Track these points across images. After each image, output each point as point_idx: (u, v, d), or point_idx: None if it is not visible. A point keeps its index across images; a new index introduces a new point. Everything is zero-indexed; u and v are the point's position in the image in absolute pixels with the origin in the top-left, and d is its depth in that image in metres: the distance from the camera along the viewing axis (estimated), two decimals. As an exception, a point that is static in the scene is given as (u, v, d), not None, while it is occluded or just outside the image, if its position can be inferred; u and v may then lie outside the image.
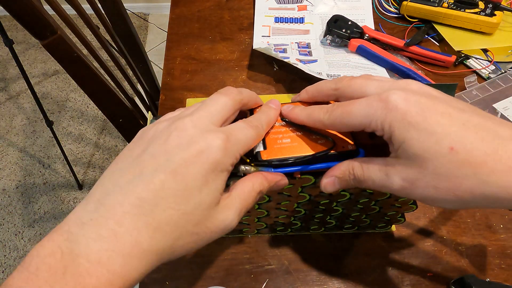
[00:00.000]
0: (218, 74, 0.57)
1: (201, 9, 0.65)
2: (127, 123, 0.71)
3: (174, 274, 0.40)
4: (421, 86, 0.23)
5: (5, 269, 1.20)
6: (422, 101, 0.22)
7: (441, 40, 0.58)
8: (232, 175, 0.29)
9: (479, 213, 0.43)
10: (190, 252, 0.23)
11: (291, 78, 0.56)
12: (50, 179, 1.38)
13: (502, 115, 0.49)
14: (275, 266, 0.40)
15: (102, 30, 0.71)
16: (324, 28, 0.58)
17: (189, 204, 0.21)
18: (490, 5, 0.56)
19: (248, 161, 0.27)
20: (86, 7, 0.62)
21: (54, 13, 0.55)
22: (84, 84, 0.61)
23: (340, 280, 0.39)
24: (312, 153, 0.26)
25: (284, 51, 0.56)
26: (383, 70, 0.53)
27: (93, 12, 0.66)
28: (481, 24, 0.56)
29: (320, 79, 0.50)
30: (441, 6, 0.57)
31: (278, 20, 0.61)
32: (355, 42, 0.55)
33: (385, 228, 0.41)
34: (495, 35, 0.57)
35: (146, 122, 0.72)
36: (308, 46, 0.57)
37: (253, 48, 0.56)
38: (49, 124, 1.13)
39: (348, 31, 0.55)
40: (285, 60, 0.52)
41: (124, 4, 0.76)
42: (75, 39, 0.58)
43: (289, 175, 0.29)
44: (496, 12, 0.56)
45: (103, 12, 0.71)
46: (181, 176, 0.21)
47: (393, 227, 0.42)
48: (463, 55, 0.55)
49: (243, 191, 0.25)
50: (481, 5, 0.56)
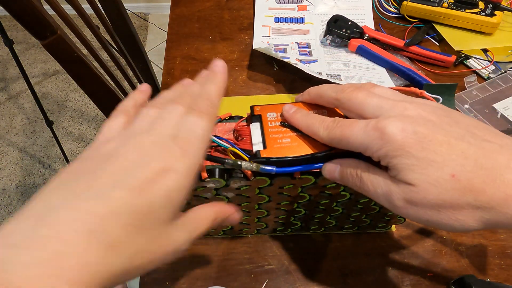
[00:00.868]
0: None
1: (201, 9, 0.65)
2: (127, 123, 0.71)
3: (174, 274, 0.40)
4: (419, 112, 0.23)
5: (5, 269, 1.20)
6: (420, 131, 0.22)
7: (441, 40, 0.58)
8: (232, 175, 0.29)
9: (479, 213, 0.43)
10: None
11: (291, 78, 0.56)
12: (50, 179, 1.38)
13: (502, 115, 0.49)
14: (275, 266, 0.40)
15: (102, 30, 0.71)
16: (324, 28, 0.58)
17: (150, 221, 0.20)
18: (490, 5, 0.56)
19: (248, 159, 0.27)
20: (86, 7, 0.62)
21: (54, 13, 0.55)
22: (84, 84, 0.61)
23: (340, 280, 0.39)
24: (312, 153, 0.26)
25: (284, 51, 0.56)
26: (383, 70, 0.53)
27: (93, 12, 0.66)
28: (481, 24, 0.56)
29: (320, 79, 0.50)
30: (441, 6, 0.57)
31: (278, 20, 0.61)
32: (355, 42, 0.55)
33: (385, 228, 0.41)
34: (495, 35, 0.57)
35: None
36: (308, 46, 0.57)
37: (253, 48, 0.56)
38: (49, 124, 1.13)
39: (348, 31, 0.55)
40: (285, 60, 0.52)
41: (124, 4, 0.76)
42: (75, 39, 0.58)
43: (289, 175, 0.29)
44: (496, 12, 0.56)
45: (103, 12, 0.71)
46: (146, 193, 0.20)
47: (393, 227, 0.42)
48: (463, 55, 0.55)
49: (199, 216, 0.24)
50: (481, 5, 0.56)
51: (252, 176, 0.28)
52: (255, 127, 0.28)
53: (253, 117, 0.29)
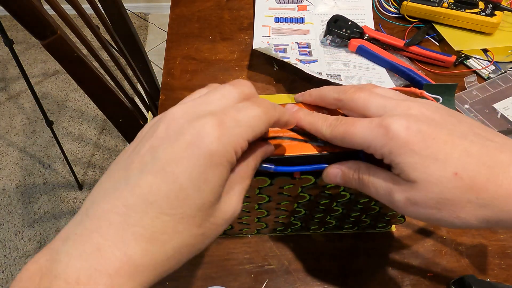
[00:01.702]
0: (218, 74, 0.57)
1: (201, 9, 0.65)
2: (127, 123, 0.71)
3: (174, 274, 0.39)
4: (422, 111, 0.23)
5: (5, 269, 1.20)
6: (424, 129, 0.22)
7: (441, 40, 0.58)
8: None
9: (479, 213, 0.43)
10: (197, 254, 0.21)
11: (291, 78, 0.56)
12: (50, 179, 1.38)
13: (502, 115, 0.49)
14: (275, 266, 0.40)
15: (102, 30, 0.71)
16: (324, 28, 0.58)
17: (188, 207, 0.18)
18: (490, 5, 0.56)
19: None
20: (86, 7, 0.62)
21: (54, 13, 0.55)
22: (84, 84, 0.61)
23: (340, 280, 0.39)
24: (312, 153, 0.26)
25: (284, 51, 0.56)
26: (383, 70, 0.53)
27: (93, 12, 0.66)
28: (481, 24, 0.56)
29: (320, 79, 0.50)
30: (441, 6, 0.57)
31: (278, 20, 0.61)
32: (355, 42, 0.55)
33: (385, 228, 0.41)
34: (495, 35, 0.57)
35: (146, 122, 0.72)
36: (308, 46, 0.57)
37: (253, 48, 0.56)
38: (49, 124, 1.13)
39: (348, 31, 0.55)
40: (285, 60, 0.52)
41: (124, 4, 0.76)
42: (75, 39, 0.58)
43: (289, 175, 0.29)
44: (496, 12, 0.56)
45: (103, 12, 0.71)
46: (172, 176, 0.18)
47: (393, 227, 0.42)
48: (463, 55, 0.55)
49: (240, 170, 0.22)
50: (481, 5, 0.56)
51: (252, 176, 0.28)
52: None
53: None
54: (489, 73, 0.54)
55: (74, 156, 1.43)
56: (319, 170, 0.27)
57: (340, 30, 0.55)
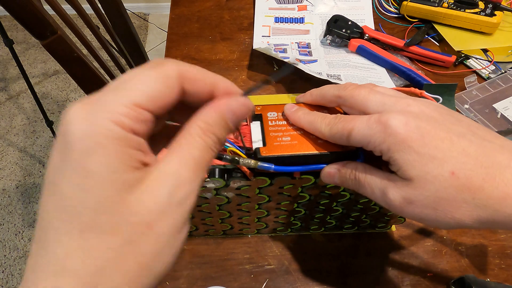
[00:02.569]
0: (218, 74, 0.57)
1: (201, 9, 0.65)
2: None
3: (174, 274, 0.40)
4: (422, 108, 0.23)
5: (5, 269, 1.20)
6: (422, 126, 0.22)
7: (441, 40, 0.58)
8: (232, 175, 0.29)
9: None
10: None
11: (291, 78, 0.56)
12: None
13: (502, 115, 0.49)
14: (275, 266, 0.40)
15: (102, 30, 0.71)
16: (324, 28, 0.58)
17: (82, 217, 0.14)
18: (490, 5, 0.56)
19: (245, 157, 0.27)
20: (86, 7, 0.62)
21: (54, 13, 0.55)
22: (84, 84, 0.61)
23: (340, 280, 0.39)
24: (312, 152, 0.26)
25: (284, 51, 0.56)
26: (383, 70, 0.53)
27: (93, 12, 0.67)
28: (481, 24, 0.56)
29: (320, 79, 0.50)
30: (441, 6, 0.57)
31: (278, 20, 0.61)
32: (355, 42, 0.55)
33: (385, 228, 0.41)
34: (495, 35, 0.57)
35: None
36: (308, 46, 0.57)
37: (253, 48, 0.56)
38: (49, 124, 1.13)
39: (348, 31, 0.55)
40: (285, 60, 0.52)
41: (124, 4, 0.76)
42: (75, 39, 0.58)
43: (289, 175, 0.29)
44: (496, 12, 0.56)
45: (103, 12, 0.71)
46: (60, 194, 0.15)
47: (393, 227, 0.42)
48: (463, 55, 0.55)
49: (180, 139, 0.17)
50: (481, 5, 0.56)
51: (252, 176, 0.28)
52: (255, 126, 0.28)
53: (254, 116, 0.29)
54: (489, 73, 0.54)
55: (74, 156, 1.42)
56: (319, 170, 0.27)
57: (340, 30, 0.55)
